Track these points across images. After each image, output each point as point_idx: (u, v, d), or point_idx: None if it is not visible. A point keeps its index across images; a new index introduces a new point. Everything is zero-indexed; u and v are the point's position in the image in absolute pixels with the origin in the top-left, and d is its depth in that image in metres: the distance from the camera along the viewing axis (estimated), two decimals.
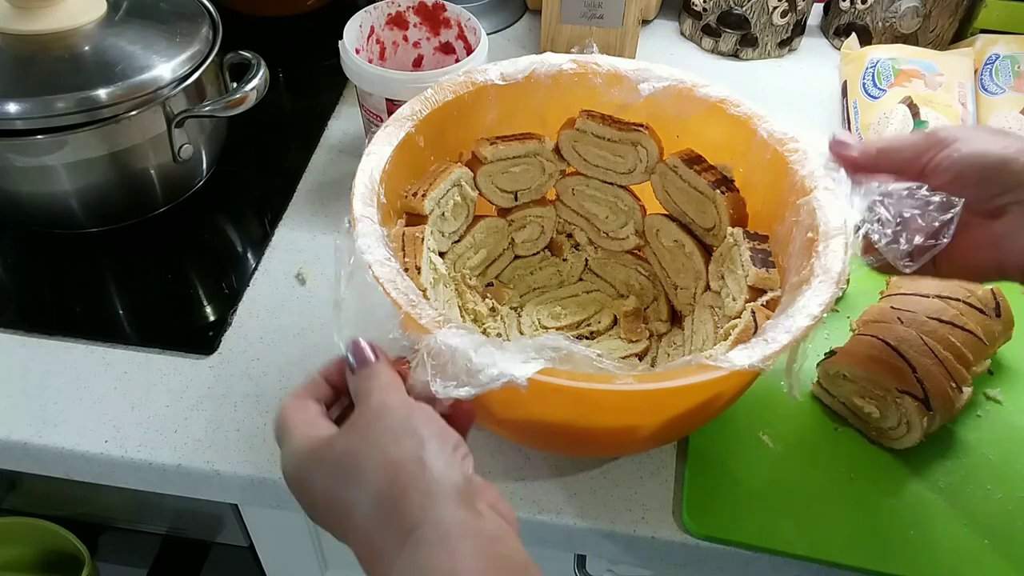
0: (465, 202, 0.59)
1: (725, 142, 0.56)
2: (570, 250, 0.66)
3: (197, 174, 0.73)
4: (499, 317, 0.62)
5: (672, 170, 0.57)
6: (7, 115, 0.59)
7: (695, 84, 0.56)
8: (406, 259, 0.50)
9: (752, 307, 0.49)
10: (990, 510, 0.53)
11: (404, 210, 0.54)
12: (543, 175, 0.62)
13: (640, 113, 0.58)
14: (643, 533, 0.52)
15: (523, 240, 0.65)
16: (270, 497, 0.56)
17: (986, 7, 0.88)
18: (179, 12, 0.69)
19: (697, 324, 0.57)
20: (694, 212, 0.58)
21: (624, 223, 0.63)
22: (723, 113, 0.55)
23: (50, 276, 0.68)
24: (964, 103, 0.77)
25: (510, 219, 0.63)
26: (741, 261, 0.52)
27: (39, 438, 0.56)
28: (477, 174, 0.59)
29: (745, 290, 0.51)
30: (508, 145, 0.58)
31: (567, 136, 0.60)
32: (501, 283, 0.65)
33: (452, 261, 0.60)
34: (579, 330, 0.63)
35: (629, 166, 0.60)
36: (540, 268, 0.66)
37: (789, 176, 0.51)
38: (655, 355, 0.61)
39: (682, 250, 0.59)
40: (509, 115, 0.59)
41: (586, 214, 0.64)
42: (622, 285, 0.65)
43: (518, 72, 0.57)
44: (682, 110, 0.57)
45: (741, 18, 0.91)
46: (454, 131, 0.57)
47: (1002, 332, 0.58)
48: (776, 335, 0.41)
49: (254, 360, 0.61)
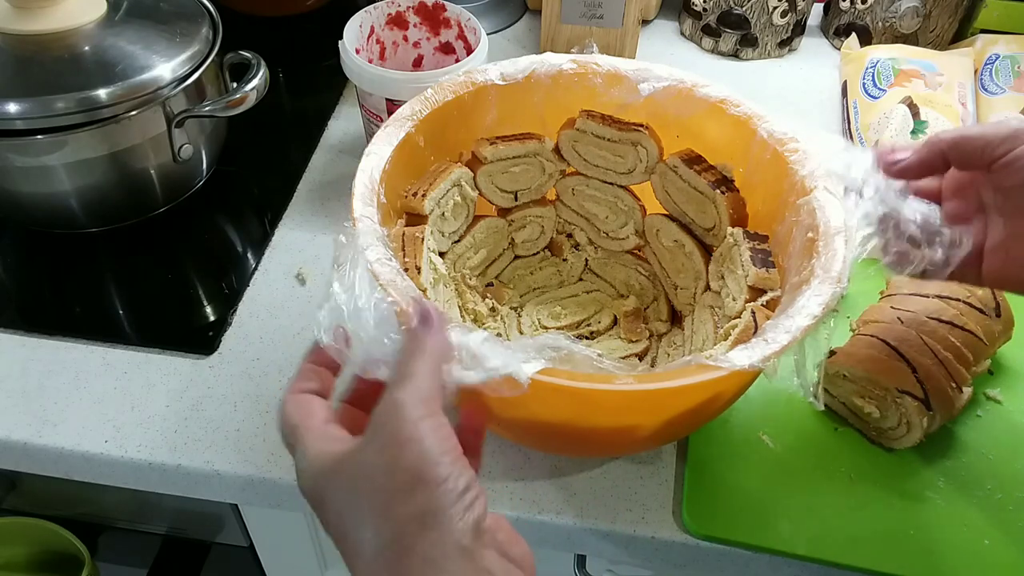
0: (465, 202, 0.59)
1: (725, 142, 0.56)
2: (570, 250, 0.66)
3: (197, 174, 0.73)
4: (499, 317, 0.62)
5: (672, 170, 0.57)
6: (7, 115, 0.59)
7: (695, 84, 0.56)
8: (406, 259, 0.50)
9: (752, 307, 0.49)
10: (990, 510, 0.53)
11: (404, 210, 0.54)
12: (543, 175, 0.62)
13: (640, 113, 0.58)
14: (643, 533, 0.52)
15: (523, 240, 0.65)
16: (270, 497, 0.56)
17: (986, 7, 0.88)
18: (179, 12, 0.69)
19: (697, 324, 0.57)
20: (694, 212, 0.58)
21: (624, 223, 0.63)
22: (723, 113, 0.55)
23: (50, 276, 0.68)
24: (964, 103, 0.77)
25: (510, 219, 0.63)
26: (741, 261, 0.52)
27: (39, 438, 0.56)
28: (477, 174, 0.59)
29: (745, 290, 0.51)
30: (508, 145, 0.59)
31: (567, 136, 0.60)
32: (501, 283, 0.65)
33: (452, 261, 0.60)
34: (579, 330, 0.63)
35: (629, 166, 0.60)
36: (540, 268, 0.66)
37: (789, 176, 0.51)
38: (655, 355, 0.61)
39: (682, 250, 0.60)
40: (509, 115, 0.59)
41: (586, 214, 0.64)
42: (622, 285, 0.65)
43: (518, 72, 0.57)
44: (682, 110, 0.57)
45: (741, 18, 0.91)
46: (454, 131, 0.57)
47: (1002, 332, 0.58)
48: (776, 335, 0.41)
49: (254, 360, 0.61)
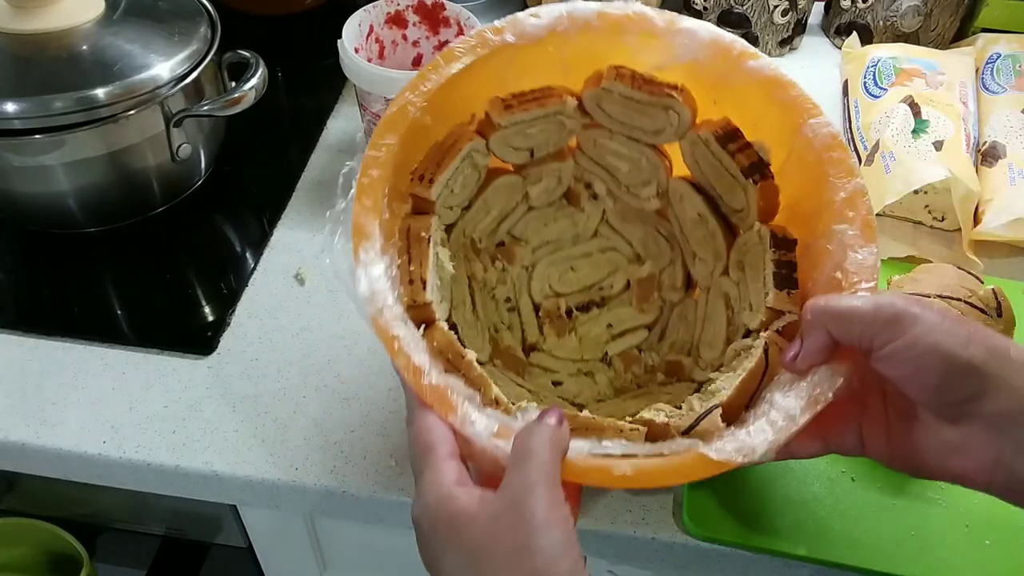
0: (477, 170, 0.54)
1: (767, 124, 0.51)
2: (588, 199, 0.61)
3: (195, 174, 0.73)
4: (509, 279, 0.60)
5: (704, 144, 0.52)
6: (5, 115, 0.59)
7: (743, 52, 0.50)
8: (412, 267, 0.47)
9: (767, 339, 0.46)
10: (991, 511, 0.52)
11: (409, 194, 0.50)
12: (563, 131, 0.56)
13: (676, 72, 0.52)
14: (643, 534, 0.52)
15: (538, 193, 0.59)
16: (268, 498, 0.56)
17: (987, 6, 0.88)
18: (177, 11, 0.69)
19: (711, 311, 0.55)
20: (723, 189, 0.54)
21: (647, 180, 0.58)
22: (769, 95, 0.50)
23: (48, 276, 0.68)
24: (965, 102, 0.77)
25: (525, 174, 0.58)
26: (764, 274, 0.49)
27: (37, 439, 0.56)
28: (490, 139, 0.53)
29: (763, 309, 0.49)
30: (526, 109, 0.52)
31: (591, 95, 0.54)
32: (514, 238, 0.61)
33: (461, 229, 0.57)
34: (590, 294, 0.61)
35: (658, 127, 0.55)
36: (555, 219, 0.61)
37: (828, 192, 0.47)
38: (664, 327, 0.59)
39: (705, 226, 0.56)
40: (526, 67, 0.53)
41: (607, 166, 0.59)
42: (639, 244, 0.61)
43: (539, 30, 0.50)
44: (724, 79, 0.51)
45: (742, 17, 0.91)
46: (461, 96, 0.51)
47: (1003, 332, 0.58)
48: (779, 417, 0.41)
49: (253, 360, 0.61)
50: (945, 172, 0.66)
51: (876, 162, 0.71)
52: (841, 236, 0.45)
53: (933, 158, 0.69)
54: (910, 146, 0.70)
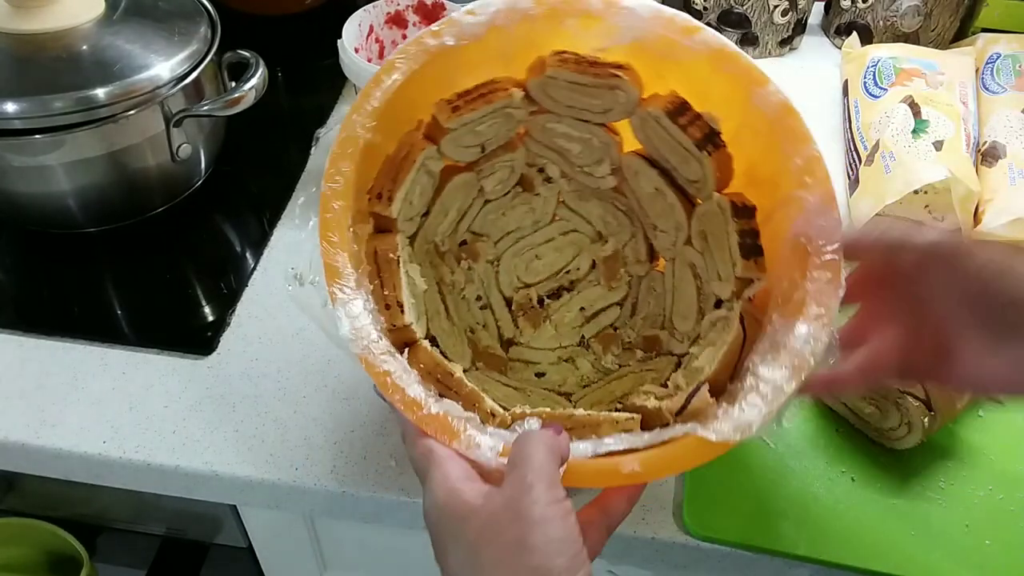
0: (432, 177, 0.54)
1: (717, 95, 0.51)
2: (542, 183, 0.60)
3: (195, 174, 0.73)
4: (476, 277, 0.60)
5: (654, 120, 0.52)
6: (5, 115, 0.59)
7: (686, 27, 0.50)
8: (386, 292, 0.47)
9: (741, 311, 0.47)
10: (991, 511, 0.53)
11: (370, 213, 0.50)
12: (511, 121, 0.55)
13: (620, 52, 0.52)
14: (643, 534, 0.52)
15: (493, 186, 0.59)
16: (268, 498, 0.56)
17: (987, 6, 0.88)
18: (177, 11, 0.69)
19: (678, 281, 0.55)
20: (677, 161, 0.54)
21: (600, 159, 0.58)
22: (717, 67, 0.50)
23: (48, 276, 0.68)
24: (965, 102, 0.76)
25: (478, 170, 0.57)
26: (728, 244, 0.49)
27: (37, 439, 0.56)
28: (441, 143, 0.52)
29: (732, 279, 0.49)
30: (473, 109, 0.52)
31: (537, 84, 0.54)
32: (475, 235, 0.61)
33: (423, 236, 0.57)
34: (558, 280, 0.61)
35: (606, 106, 0.54)
36: (512, 208, 0.61)
37: (783, 159, 0.47)
38: (635, 301, 0.59)
39: (663, 199, 0.56)
40: (468, 66, 0.52)
41: (558, 149, 0.59)
42: (599, 221, 0.61)
43: (477, 27, 0.49)
44: (670, 55, 0.51)
45: (742, 17, 0.91)
46: (406, 106, 0.50)
47: None
48: (769, 390, 0.41)
49: (253, 360, 0.61)
50: (945, 172, 0.66)
51: (876, 162, 0.71)
52: (801, 202, 0.46)
53: (933, 158, 0.69)
54: (910, 146, 0.70)
